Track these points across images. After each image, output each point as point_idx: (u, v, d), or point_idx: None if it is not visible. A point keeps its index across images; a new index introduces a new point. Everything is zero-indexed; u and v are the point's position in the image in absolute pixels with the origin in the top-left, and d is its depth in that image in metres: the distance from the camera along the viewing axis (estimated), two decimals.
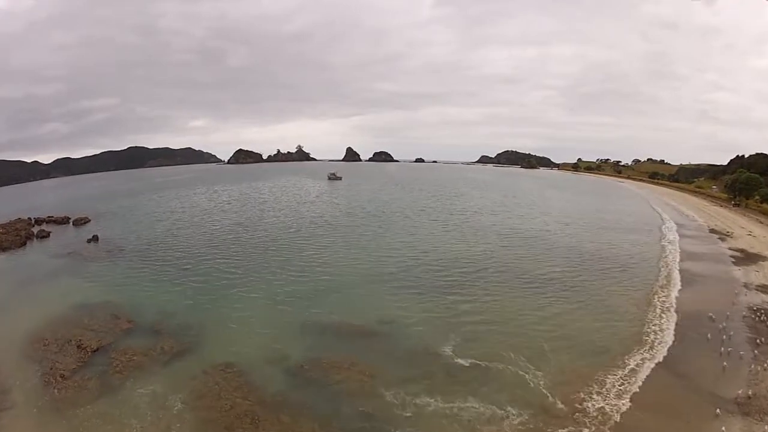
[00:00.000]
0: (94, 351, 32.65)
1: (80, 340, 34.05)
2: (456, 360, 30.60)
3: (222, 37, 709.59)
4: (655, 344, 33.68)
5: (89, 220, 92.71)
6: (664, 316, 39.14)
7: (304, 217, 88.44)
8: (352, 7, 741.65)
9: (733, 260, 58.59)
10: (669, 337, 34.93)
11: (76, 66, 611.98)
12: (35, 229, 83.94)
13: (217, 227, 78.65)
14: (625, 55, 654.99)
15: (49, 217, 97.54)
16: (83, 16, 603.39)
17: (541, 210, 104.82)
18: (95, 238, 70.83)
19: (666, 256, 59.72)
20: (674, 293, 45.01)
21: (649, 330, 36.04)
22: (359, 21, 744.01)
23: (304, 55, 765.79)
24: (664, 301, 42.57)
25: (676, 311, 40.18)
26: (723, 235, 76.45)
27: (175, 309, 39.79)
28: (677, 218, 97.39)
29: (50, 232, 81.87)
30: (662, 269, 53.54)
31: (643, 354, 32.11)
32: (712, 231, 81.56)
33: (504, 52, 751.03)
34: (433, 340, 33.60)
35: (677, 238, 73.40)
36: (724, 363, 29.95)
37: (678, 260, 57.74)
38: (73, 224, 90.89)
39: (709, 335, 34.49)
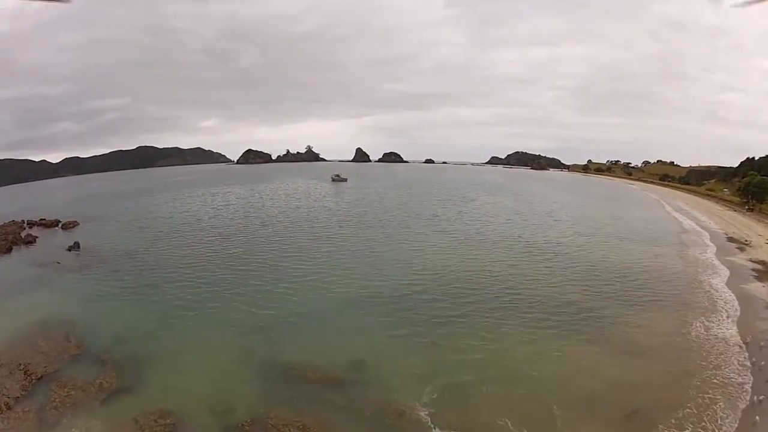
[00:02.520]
0: (38, 379, 29.48)
1: (28, 364, 31.08)
2: (434, 431, 23.84)
3: (233, 38, 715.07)
4: (700, 403, 26.07)
5: (78, 224, 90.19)
6: (703, 356, 32.09)
7: (293, 226, 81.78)
8: (363, 8, 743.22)
9: (755, 275, 53.72)
10: (716, 391, 27.60)
11: (87, 66, 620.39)
12: (24, 233, 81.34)
13: (200, 237, 73.30)
14: (634, 56, 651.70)
15: (41, 219, 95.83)
16: (93, 16, 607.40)
17: (556, 218, 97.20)
18: (76, 246, 67.78)
19: (695, 274, 53.75)
20: (711, 325, 38.27)
21: (691, 381, 28.55)
22: (370, 21, 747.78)
23: (315, 55, 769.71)
24: (703, 336, 35.69)
25: (714, 347, 33.70)
26: (741, 244, 71.81)
27: (128, 334, 35.78)
28: (695, 226, 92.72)
29: (37, 237, 79.17)
30: (695, 292, 46.76)
31: (686, 418, 24.75)
32: (730, 239, 76.82)
33: (515, 52, 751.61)
34: (409, 395, 26.76)
35: (707, 250, 68.05)
36: (757, 417, 24.80)
37: (709, 280, 51.22)
38: (61, 228, 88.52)
39: (740, 379, 28.92)
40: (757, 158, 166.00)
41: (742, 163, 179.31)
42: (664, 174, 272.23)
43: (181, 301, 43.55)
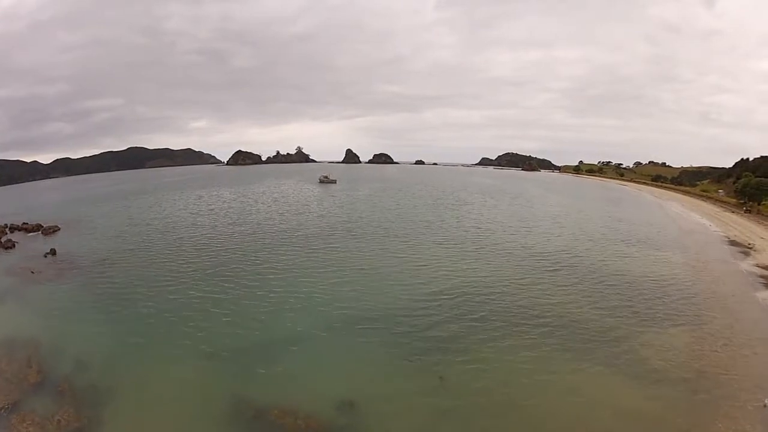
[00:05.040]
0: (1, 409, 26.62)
1: None
2: None
3: (226, 39, 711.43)
4: None
5: (59, 229, 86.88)
6: (735, 379, 28.95)
7: (277, 235, 74.73)
8: (356, 10, 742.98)
9: (765, 282, 51.58)
10: (754, 420, 24.70)
11: (79, 66, 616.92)
12: (5, 239, 78.04)
13: (179, 246, 67.66)
14: (628, 58, 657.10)
15: (23, 224, 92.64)
16: (88, 16, 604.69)
17: (561, 224, 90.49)
18: (53, 252, 64.94)
19: (709, 283, 50.90)
20: (735, 342, 35.12)
21: (721, 409, 25.55)
22: (362, 23, 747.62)
23: (308, 57, 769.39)
24: (730, 355, 32.53)
25: (744, 368, 30.58)
26: (745, 248, 69.95)
27: (92, 359, 32.18)
28: (697, 229, 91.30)
29: (16, 242, 75.79)
30: (712, 304, 43.50)
31: None
32: (732, 243, 75.06)
33: (508, 54, 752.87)
34: None
35: (715, 255, 65.98)
36: None
37: (725, 290, 48.56)
38: (42, 233, 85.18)
39: (767, 401, 26.00)
40: (751, 159, 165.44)
41: (736, 163, 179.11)
42: (656, 175, 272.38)
43: (150, 321, 39.36)
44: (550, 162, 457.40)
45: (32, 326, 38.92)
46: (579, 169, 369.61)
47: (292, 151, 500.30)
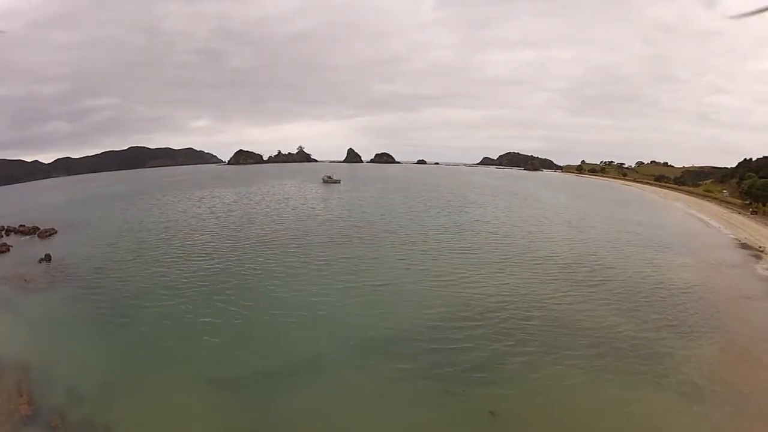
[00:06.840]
0: None
1: None
2: None
3: (225, 39, 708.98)
4: None
5: (56, 232, 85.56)
6: None
7: (284, 242, 70.86)
8: (354, 10, 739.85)
9: None
10: None
11: (79, 65, 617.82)
12: (0, 242, 76.74)
13: (178, 253, 64.40)
14: (626, 59, 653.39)
15: (20, 226, 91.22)
16: (86, 16, 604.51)
17: (579, 229, 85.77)
18: (47, 258, 63.20)
19: (735, 290, 49.81)
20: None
21: None
22: (361, 23, 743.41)
23: (307, 56, 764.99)
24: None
25: None
26: (756, 251, 68.73)
27: (86, 388, 29.17)
28: (710, 231, 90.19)
29: (11, 246, 74.54)
30: (741, 314, 42.55)
31: None
32: (743, 246, 73.71)
33: (506, 54, 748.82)
34: None
35: (736, 260, 64.89)
36: None
37: (753, 295, 47.86)
38: (38, 236, 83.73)
39: None
40: (754, 159, 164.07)
41: (740, 163, 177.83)
42: (660, 175, 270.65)
43: (149, 341, 36.35)
44: (551, 162, 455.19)
45: (22, 344, 36.71)
46: (581, 168, 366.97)
47: (294, 151, 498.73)
